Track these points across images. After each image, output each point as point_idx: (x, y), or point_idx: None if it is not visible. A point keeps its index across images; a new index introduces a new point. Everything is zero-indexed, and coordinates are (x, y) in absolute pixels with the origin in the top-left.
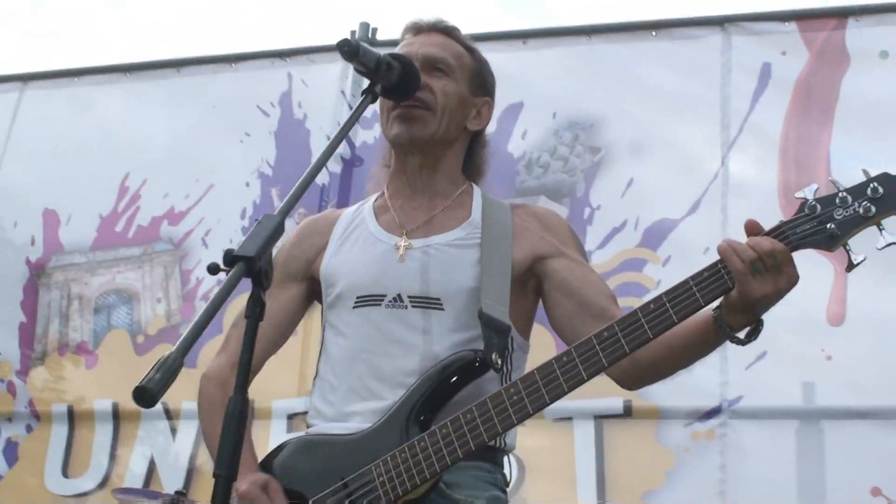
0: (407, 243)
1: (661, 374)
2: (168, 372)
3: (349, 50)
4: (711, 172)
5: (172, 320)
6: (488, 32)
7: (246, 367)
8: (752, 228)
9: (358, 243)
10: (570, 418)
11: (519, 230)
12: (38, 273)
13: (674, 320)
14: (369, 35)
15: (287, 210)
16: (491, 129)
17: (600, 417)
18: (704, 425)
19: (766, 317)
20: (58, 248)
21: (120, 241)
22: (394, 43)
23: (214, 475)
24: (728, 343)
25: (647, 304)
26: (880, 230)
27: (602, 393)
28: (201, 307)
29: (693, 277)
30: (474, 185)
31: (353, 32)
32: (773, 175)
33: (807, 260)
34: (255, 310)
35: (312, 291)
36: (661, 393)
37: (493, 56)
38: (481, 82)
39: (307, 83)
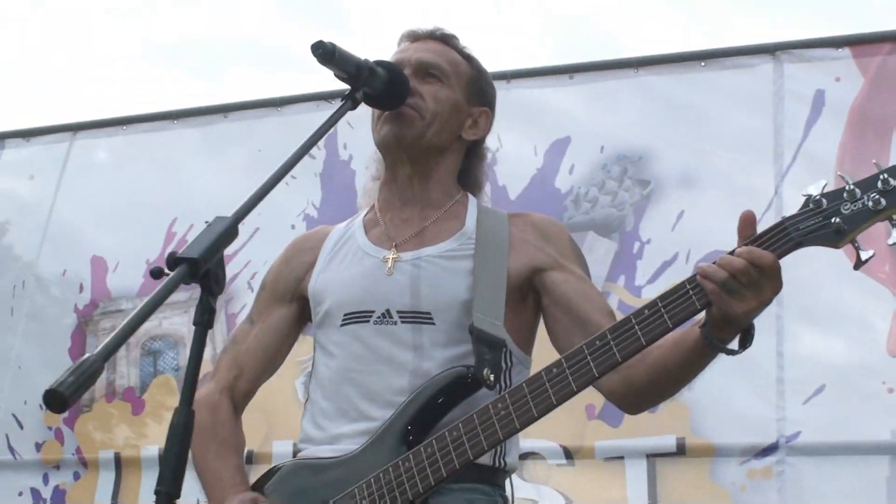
0: (396, 256)
1: (660, 395)
2: (83, 376)
3: (323, 52)
4: (765, 202)
5: None
6: (533, 68)
7: (193, 378)
8: (744, 229)
9: (346, 259)
10: (621, 457)
11: (516, 240)
12: (85, 320)
13: (668, 325)
14: None
15: (242, 213)
16: (538, 164)
17: (653, 456)
18: (761, 462)
19: (825, 351)
20: (105, 294)
21: None
22: None
23: (155, 491)
24: (784, 377)
25: (642, 309)
26: (892, 224)
27: (654, 431)
28: None
29: (689, 280)
30: (470, 195)
31: None
32: None
33: (866, 292)
34: (203, 317)
35: (304, 311)
36: (716, 429)
37: (540, 92)
38: (479, 91)
39: (352, 124)
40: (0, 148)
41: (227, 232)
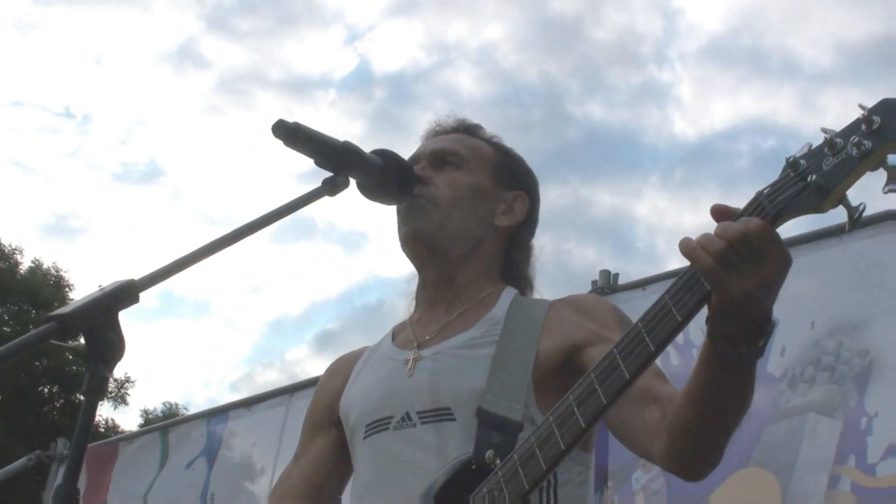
0: (417, 355)
1: (706, 440)
2: None
3: (285, 131)
4: None
5: None
6: None
7: (79, 453)
8: (720, 213)
9: (371, 370)
10: None
11: (552, 321)
12: None
13: (651, 349)
14: (611, 281)
15: (147, 280)
16: None
17: None
18: None
19: None
20: None
21: None
22: (636, 285)
23: None
24: None
25: (624, 336)
26: (885, 168)
27: None
28: None
29: (668, 291)
30: (508, 287)
31: (594, 283)
32: None
33: None
34: (91, 385)
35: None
36: None
37: None
38: (509, 174)
39: None
40: (223, 420)
41: (116, 293)
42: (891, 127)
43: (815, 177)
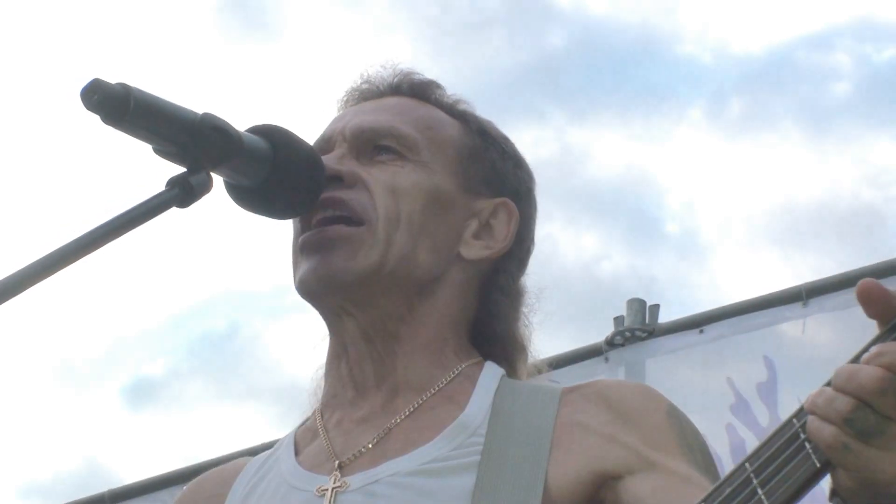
0: (339, 484)
1: None
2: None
3: (101, 100)
4: None
5: None
6: None
7: None
8: (879, 311)
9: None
10: None
11: (567, 429)
12: None
13: None
14: (646, 320)
15: None
16: None
17: None
18: None
19: None
20: None
21: None
22: (691, 324)
23: None
24: None
25: (721, 485)
26: None
27: None
28: None
29: (799, 415)
30: (487, 362)
31: (617, 321)
32: None
33: None
34: None
35: None
36: None
37: None
38: (486, 172)
39: None
40: None
41: None
42: None
43: None
